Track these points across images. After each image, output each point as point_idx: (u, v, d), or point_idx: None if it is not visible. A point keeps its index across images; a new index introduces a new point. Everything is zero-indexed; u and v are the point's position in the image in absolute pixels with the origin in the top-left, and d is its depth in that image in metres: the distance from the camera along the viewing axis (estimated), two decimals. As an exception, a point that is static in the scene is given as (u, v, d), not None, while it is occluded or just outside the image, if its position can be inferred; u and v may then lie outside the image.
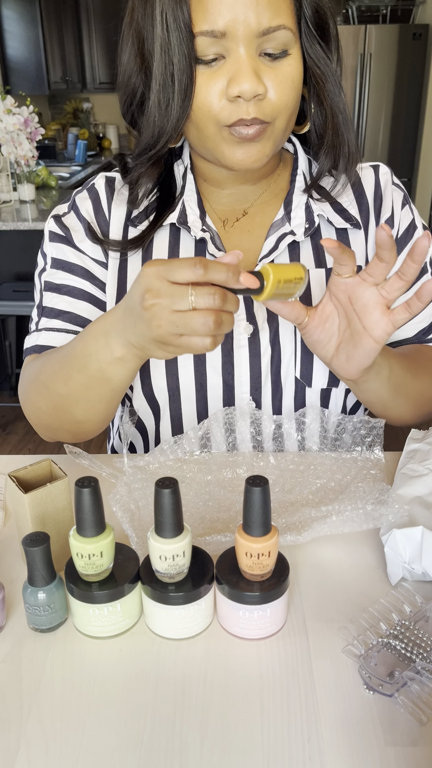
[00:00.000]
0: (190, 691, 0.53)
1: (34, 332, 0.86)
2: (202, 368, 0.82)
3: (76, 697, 0.53)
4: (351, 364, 0.71)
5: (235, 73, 0.69)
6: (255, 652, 0.56)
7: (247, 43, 0.69)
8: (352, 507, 0.68)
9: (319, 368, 0.83)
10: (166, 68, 0.71)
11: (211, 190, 0.86)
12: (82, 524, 0.55)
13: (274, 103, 0.71)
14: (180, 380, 0.83)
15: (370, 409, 0.84)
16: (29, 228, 2.80)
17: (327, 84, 0.77)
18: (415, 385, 0.80)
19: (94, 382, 0.71)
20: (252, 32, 0.68)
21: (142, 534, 0.67)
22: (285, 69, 0.71)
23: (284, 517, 0.70)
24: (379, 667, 0.53)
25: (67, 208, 0.88)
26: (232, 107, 0.71)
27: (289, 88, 0.72)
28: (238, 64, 0.69)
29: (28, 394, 0.82)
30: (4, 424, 3.01)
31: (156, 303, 0.58)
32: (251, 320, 0.82)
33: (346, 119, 0.80)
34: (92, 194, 0.87)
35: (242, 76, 0.69)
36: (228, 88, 0.70)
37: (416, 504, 0.66)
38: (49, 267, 0.86)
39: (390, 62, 4.27)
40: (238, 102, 0.70)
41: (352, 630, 0.57)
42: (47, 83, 5.57)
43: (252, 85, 0.68)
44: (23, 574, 0.63)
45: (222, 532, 0.68)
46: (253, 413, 0.82)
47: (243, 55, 0.69)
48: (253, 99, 0.70)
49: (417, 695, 0.51)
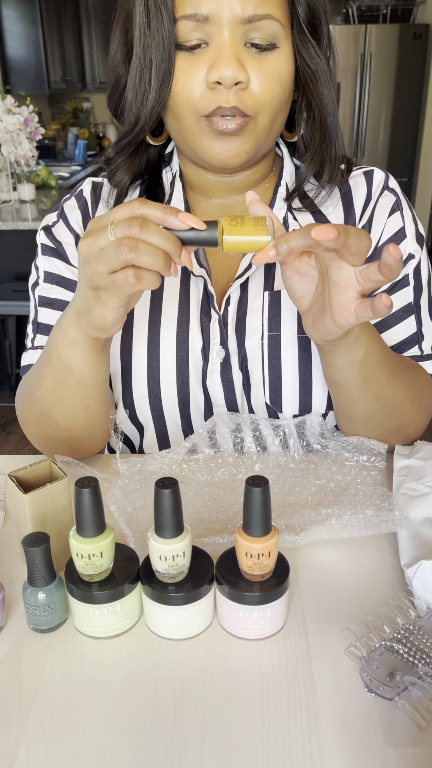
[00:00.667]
0: (190, 691, 0.53)
1: (30, 350, 0.85)
2: (185, 389, 0.82)
3: (76, 697, 0.53)
4: (316, 331, 0.65)
5: (216, 58, 0.67)
6: (255, 652, 0.56)
7: (231, 29, 0.67)
8: (352, 512, 0.68)
9: (289, 396, 0.81)
10: (145, 52, 0.69)
11: (198, 200, 0.84)
12: (82, 524, 0.55)
13: (257, 96, 0.69)
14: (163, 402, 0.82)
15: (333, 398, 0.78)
16: (29, 228, 2.80)
17: (317, 84, 0.74)
18: (389, 386, 0.73)
19: (59, 375, 0.71)
20: (236, 18, 0.66)
21: (139, 535, 0.67)
22: (272, 62, 0.69)
23: (283, 518, 0.70)
24: (381, 670, 0.53)
25: (56, 216, 0.87)
26: (212, 95, 0.68)
27: (274, 82, 0.70)
28: (220, 49, 0.67)
29: (20, 412, 0.82)
30: (4, 424, 3.01)
31: (85, 243, 0.58)
32: (224, 345, 0.81)
33: (335, 123, 0.77)
34: (81, 203, 0.86)
35: (223, 61, 0.67)
36: (208, 74, 0.68)
37: (428, 526, 0.65)
38: (42, 281, 0.85)
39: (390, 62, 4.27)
40: (217, 89, 0.68)
41: (355, 631, 0.57)
42: (47, 83, 5.57)
43: (233, 71, 0.66)
44: (23, 574, 0.63)
45: (220, 533, 0.68)
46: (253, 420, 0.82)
47: (226, 40, 0.67)
48: (234, 87, 0.68)
49: (417, 700, 0.50)
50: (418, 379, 0.79)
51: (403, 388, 0.76)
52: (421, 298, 0.83)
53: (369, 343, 0.69)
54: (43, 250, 0.86)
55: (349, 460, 0.79)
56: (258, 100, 0.69)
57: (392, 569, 0.65)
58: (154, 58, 0.69)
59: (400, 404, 0.76)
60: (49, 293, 0.84)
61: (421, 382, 0.80)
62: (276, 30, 0.68)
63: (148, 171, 0.84)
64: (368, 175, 0.84)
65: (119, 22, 0.75)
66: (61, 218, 0.86)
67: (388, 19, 4.60)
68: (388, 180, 0.84)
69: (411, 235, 0.83)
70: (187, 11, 0.67)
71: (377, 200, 0.82)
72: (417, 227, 0.84)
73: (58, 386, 0.73)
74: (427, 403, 0.80)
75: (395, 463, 0.76)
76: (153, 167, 0.85)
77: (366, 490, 0.74)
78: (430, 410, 0.82)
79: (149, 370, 0.82)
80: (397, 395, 0.75)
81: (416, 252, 0.83)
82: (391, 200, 0.83)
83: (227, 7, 0.66)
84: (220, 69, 0.67)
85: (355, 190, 0.83)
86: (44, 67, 5.48)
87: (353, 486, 0.75)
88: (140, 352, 0.82)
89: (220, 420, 0.80)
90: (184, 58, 0.69)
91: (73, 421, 0.76)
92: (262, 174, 0.82)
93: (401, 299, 0.82)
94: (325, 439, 0.81)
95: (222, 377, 0.81)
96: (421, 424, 0.81)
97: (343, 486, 0.75)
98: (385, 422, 0.77)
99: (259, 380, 0.81)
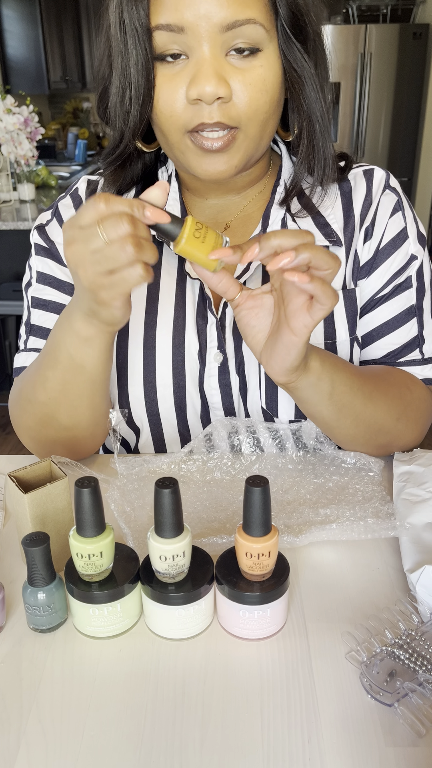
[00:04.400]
0: (190, 691, 0.53)
1: (24, 352, 0.84)
2: (181, 392, 0.81)
3: (76, 697, 0.53)
4: (275, 362, 0.64)
5: (195, 73, 0.64)
6: (255, 652, 0.56)
7: (210, 40, 0.63)
8: (351, 512, 0.68)
9: (285, 401, 0.80)
10: (124, 71, 0.67)
11: (194, 201, 0.83)
12: (82, 524, 0.55)
13: (242, 107, 0.66)
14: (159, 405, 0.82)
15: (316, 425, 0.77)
16: (29, 228, 2.80)
17: (304, 88, 0.70)
18: (367, 409, 0.73)
19: (69, 375, 0.70)
20: (215, 27, 0.63)
21: (137, 536, 0.67)
22: (256, 70, 0.66)
23: (282, 518, 0.70)
24: (381, 675, 0.52)
25: (50, 215, 0.86)
26: (194, 110, 0.66)
27: (259, 92, 0.66)
28: (199, 64, 0.64)
29: (16, 418, 0.81)
30: (4, 424, 3.01)
31: (73, 250, 0.58)
32: (221, 349, 0.80)
33: (324, 128, 0.74)
34: (76, 201, 0.85)
35: (202, 77, 0.63)
36: (188, 91, 0.65)
37: (430, 531, 0.65)
38: (35, 282, 0.84)
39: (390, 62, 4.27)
40: (199, 105, 0.65)
41: (356, 636, 0.56)
42: (47, 83, 5.57)
43: (213, 87, 0.63)
44: (23, 574, 0.63)
45: (219, 532, 0.68)
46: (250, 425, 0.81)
47: (205, 54, 0.63)
48: (215, 102, 0.65)
49: (417, 707, 0.50)
50: (403, 397, 0.78)
51: (383, 408, 0.75)
52: (424, 300, 0.82)
53: (333, 374, 0.68)
54: (36, 250, 0.85)
55: (347, 463, 0.78)
56: (243, 111, 0.67)
57: (392, 569, 0.65)
58: (133, 77, 0.67)
59: (384, 424, 0.76)
60: (42, 294, 0.84)
61: (408, 399, 0.78)
62: (259, 34, 0.65)
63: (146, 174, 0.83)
64: (368, 174, 0.83)
65: (101, 32, 0.73)
66: (55, 217, 0.85)
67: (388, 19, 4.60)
68: (389, 179, 0.83)
69: (413, 236, 0.82)
70: (161, 21, 0.64)
71: (379, 200, 0.81)
72: (418, 227, 0.83)
73: (65, 387, 0.72)
74: (417, 417, 0.79)
75: (395, 468, 0.76)
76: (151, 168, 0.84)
77: (365, 490, 0.74)
78: (423, 423, 0.81)
79: (145, 373, 0.81)
80: (378, 416, 0.74)
81: (419, 253, 0.82)
82: (393, 200, 0.82)
83: (204, 16, 0.62)
84: (199, 85, 0.64)
85: (355, 189, 0.82)
86: (44, 67, 5.48)
87: (351, 486, 0.75)
88: (136, 355, 0.82)
89: (217, 425, 0.80)
90: (164, 72, 0.66)
91: (78, 419, 0.75)
92: (258, 175, 0.81)
93: (403, 302, 0.81)
94: (320, 444, 0.81)
95: (219, 381, 0.81)
96: (413, 438, 0.80)
97: (341, 485, 0.75)
98: (371, 440, 0.77)
99: (256, 385, 0.80)
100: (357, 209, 0.81)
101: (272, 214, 0.80)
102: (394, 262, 0.81)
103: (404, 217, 0.82)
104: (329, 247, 0.80)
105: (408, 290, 0.81)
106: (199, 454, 0.80)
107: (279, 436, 0.81)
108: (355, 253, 0.81)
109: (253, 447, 0.82)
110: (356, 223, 0.81)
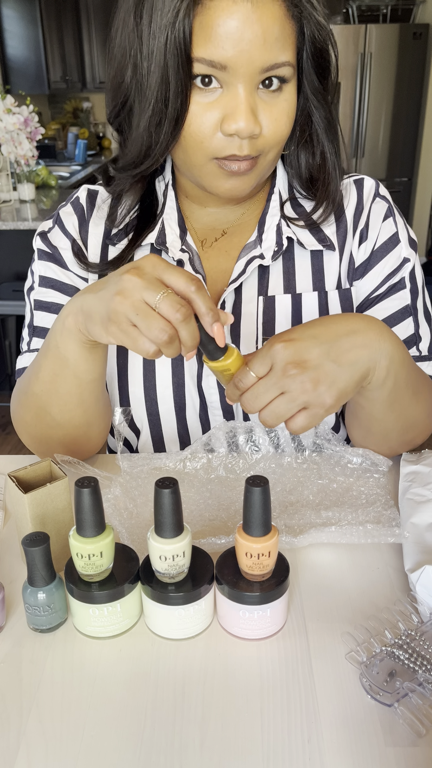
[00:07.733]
0: (190, 691, 0.53)
1: (26, 353, 0.85)
2: (181, 391, 0.82)
3: (76, 697, 0.53)
4: None
5: (232, 109, 0.66)
6: (255, 652, 0.56)
7: (248, 80, 0.66)
8: (352, 515, 0.68)
9: None
10: (160, 91, 0.67)
11: (193, 208, 0.84)
12: (82, 524, 0.55)
13: (268, 139, 0.70)
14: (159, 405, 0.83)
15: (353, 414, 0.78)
16: (29, 228, 2.80)
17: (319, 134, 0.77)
18: (411, 404, 0.74)
19: (57, 366, 0.71)
20: (256, 69, 0.65)
21: (138, 535, 0.67)
22: (281, 105, 0.69)
23: (283, 518, 0.70)
24: (381, 675, 0.52)
25: (52, 223, 0.87)
26: (226, 141, 0.68)
27: (284, 125, 0.70)
28: (237, 101, 0.66)
29: (15, 413, 0.82)
30: (4, 424, 3.01)
31: (133, 280, 0.58)
32: None
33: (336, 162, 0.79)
34: (77, 209, 0.86)
35: (240, 115, 0.66)
36: (223, 124, 0.67)
37: None
38: (38, 285, 0.85)
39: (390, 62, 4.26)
40: (233, 138, 0.68)
41: (355, 636, 0.56)
42: (47, 83, 5.57)
43: (249, 125, 0.66)
44: (23, 574, 0.63)
45: (220, 531, 0.68)
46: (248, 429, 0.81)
47: (241, 93, 0.66)
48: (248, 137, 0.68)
49: (417, 707, 0.50)
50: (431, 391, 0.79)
51: (423, 404, 0.76)
52: (417, 301, 0.84)
53: (399, 371, 0.69)
54: (39, 255, 0.86)
55: (352, 463, 0.79)
56: (268, 142, 0.70)
57: (392, 569, 0.65)
58: (171, 102, 0.67)
59: (418, 419, 0.77)
60: (44, 297, 0.85)
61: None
62: (289, 73, 0.68)
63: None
64: (358, 183, 0.85)
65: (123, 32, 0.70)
66: (56, 224, 0.86)
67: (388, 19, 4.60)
68: (378, 188, 0.86)
69: (404, 240, 0.84)
70: (204, 54, 0.65)
71: (370, 207, 0.84)
72: (408, 233, 0.86)
73: (55, 379, 0.73)
74: None
75: (402, 468, 0.76)
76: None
77: (369, 493, 0.74)
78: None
79: (145, 372, 0.82)
80: (417, 411, 0.76)
81: (410, 256, 0.84)
82: (384, 206, 0.84)
83: (246, 59, 0.64)
84: (237, 123, 0.66)
85: (346, 198, 0.84)
86: (44, 66, 5.48)
87: (355, 488, 0.75)
88: (136, 355, 0.82)
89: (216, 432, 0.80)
90: (198, 100, 0.67)
91: (70, 416, 0.76)
92: (260, 186, 0.82)
93: (399, 302, 0.83)
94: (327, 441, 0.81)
95: (217, 380, 0.81)
96: (427, 436, 0.82)
97: (345, 487, 0.75)
98: (401, 436, 0.78)
99: None
100: (349, 215, 0.84)
101: (267, 221, 0.82)
102: (387, 263, 0.83)
103: (395, 222, 0.85)
104: (323, 251, 0.82)
105: (402, 290, 0.83)
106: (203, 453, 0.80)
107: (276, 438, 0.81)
108: (350, 255, 0.84)
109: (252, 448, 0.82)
110: (349, 227, 0.83)
